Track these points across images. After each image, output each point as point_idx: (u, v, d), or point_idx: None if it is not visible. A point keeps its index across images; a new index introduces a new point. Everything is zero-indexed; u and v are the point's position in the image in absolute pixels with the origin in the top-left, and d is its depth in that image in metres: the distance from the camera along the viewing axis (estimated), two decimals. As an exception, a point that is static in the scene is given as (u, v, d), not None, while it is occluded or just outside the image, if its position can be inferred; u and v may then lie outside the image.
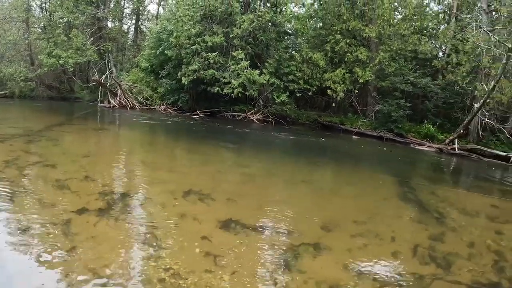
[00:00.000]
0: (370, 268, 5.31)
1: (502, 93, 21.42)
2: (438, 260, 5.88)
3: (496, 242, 7.16)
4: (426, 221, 7.96)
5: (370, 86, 27.04)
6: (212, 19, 25.44)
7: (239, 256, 5.26)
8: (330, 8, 27.19)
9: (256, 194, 8.76)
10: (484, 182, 15.73)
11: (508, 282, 5.43)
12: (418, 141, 23.80)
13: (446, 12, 30.95)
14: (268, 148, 17.30)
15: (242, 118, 26.79)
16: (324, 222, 6.87)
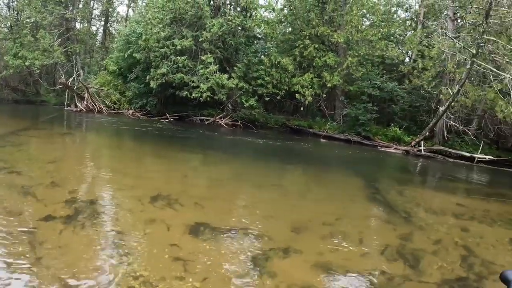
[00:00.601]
0: (340, 269, 5.30)
1: (466, 97, 22.16)
2: (407, 258, 5.92)
3: (463, 239, 7.29)
4: (394, 221, 8.04)
5: (338, 90, 27.35)
6: (181, 22, 25.36)
7: (209, 261, 5.19)
8: (299, 14, 27.49)
9: (225, 199, 8.70)
10: (450, 182, 16.15)
11: (476, 277, 5.54)
12: (385, 144, 24.25)
13: (413, 19, 31.79)
14: (236, 152, 17.24)
15: (210, 122, 26.65)
16: (293, 225, 6.85)
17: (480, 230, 8.15)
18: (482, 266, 5.99)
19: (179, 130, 22.10)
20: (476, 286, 5.33)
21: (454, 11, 24.47)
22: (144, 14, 27.19)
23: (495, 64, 22.24)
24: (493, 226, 8.69)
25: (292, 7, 27.80)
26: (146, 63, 25.71)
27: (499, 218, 9.42)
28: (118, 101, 27.85)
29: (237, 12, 27.67)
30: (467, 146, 23.88)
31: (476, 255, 6.42)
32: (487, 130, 24.57)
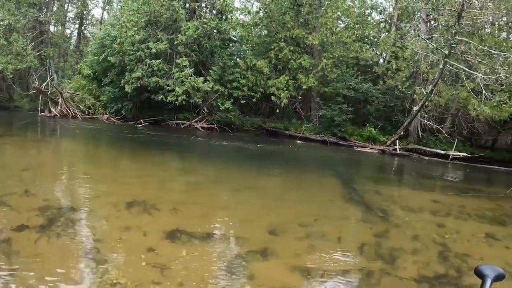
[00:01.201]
0: (319, 270, 5.28)
1: (440, 96, 22.66)
2: (385, 255, 5.93)
3: (439, 235, 7.36)
4: (371, 219, 8.07)
5: (313, 92, 27.54)
6: (156, 25, 25.11)
7: (187, 266, 5.12)
8: (275, 16, 27.61)
9: (202, 203, 8.60)
10: (425, 179, 16.40)
11: (453, 271, 5.59)
12: (361, 144, 24.55)
13: (387, 21, 32.24)
14: (213, 155, 17.17)
15: (186, 126, 26.38)
16: (271, 227, 6.80)
17: (456, 226, 8.28)
18: (458, 260, 6.05)
19: (154, 134, 21.83)
20: (453, 280, 5.35)
21: (427, 13, 24.93)
22: (119, 17, 26.73)
23: (467, 64, 22.76)
24: (468, 221, 8.82)
25: (268, 10, 27.97)
26: (121, 67, 25.35)
27: (474, 213, 9.56)
28: (92, 106, 27.31)
29: (213, 15, 27.53)
30: (441, 144, 24.42)
31: (453, 250, 6.48)
32: (461, 128, 25.19)
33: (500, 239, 7.49)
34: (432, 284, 5.15)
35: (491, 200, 11.84)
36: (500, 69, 21.17)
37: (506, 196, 12.47)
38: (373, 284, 5.06)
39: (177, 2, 24.11)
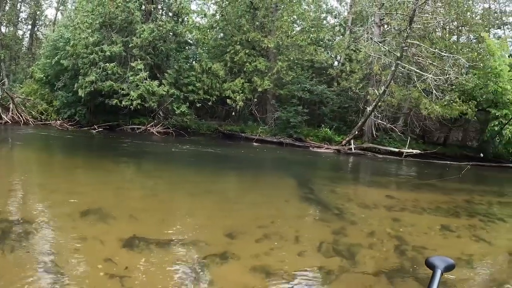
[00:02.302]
0: (278, 270, 5.23)
1: (392, 97, 23.43)
2: (343, 252, 5.93)
3: (395, 229, 7.45)
4: (328, 218, 8.10)
5: (268, 94, 27.73)
6: (111, 27, 24.45)
7: (146, 274, 4.97)
8: (231, 19, 27.55)
9: (159, 209, 8.42)
10: (380, 177, 16.70)
11: (410, 263, 5.65)
12: (317, 144, 24.90)
13: (342, 25, 32.70)
14: (169, 160, 16.89)
15: (142, 131, 25.79)
16: (229, 231, 6.71)
17: (411, 220, 8.38)
18: (415, 252, 6.12)
19: (109, 140, 21.36)
20: (410, 271, 5.41)
21: (380, 17, 25.67)
22: (73, 18, 25.93)
23: (418, 66, 23.52)
24: (423, 214, 9.00)
25: (224, 13, 27.88)
26: (74, 70, 24.53)
27: (428, 206, 9.79)
28: (45, 112, 26.29)
29: (169, 17, 27.16)
30: (395, 142, 25.24)
31: (409, 243, 6.57)
32: (413, 126, 26.10)
33: (454, 230, 7.67)
34: (390, 277, 5.18)
35: (444, 194, 12.16)
36: (450, 70, 22.07)
37: (460, 186, 13.09)
38: (333, 281, 5.04)
39: (132, 3, 23.57)
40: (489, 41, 24.21)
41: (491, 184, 18.01)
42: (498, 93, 22.83)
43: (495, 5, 34.58)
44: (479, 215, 9.32)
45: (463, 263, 5.79)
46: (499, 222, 9.11)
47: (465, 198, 11.78)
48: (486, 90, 23.41)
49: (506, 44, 26.03)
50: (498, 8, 34.65)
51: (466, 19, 26.40)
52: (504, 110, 22.71)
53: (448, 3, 24.03)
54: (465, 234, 7.53)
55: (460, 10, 25.00)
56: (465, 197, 11.89)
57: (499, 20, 33.95)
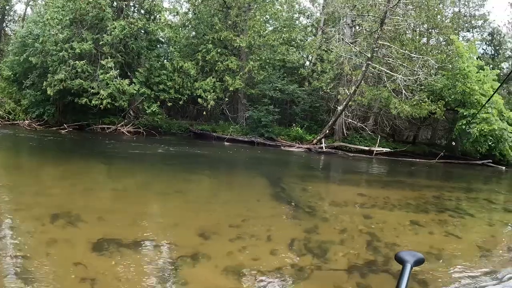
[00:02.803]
0: (251, 269, 5.20)
1: (363, 96, 23.85)
2: (315, 250, 5.93)
3: (366, 226, 7.50)
4: (299, 216, 8.09)
5: (240, 94, 27.76)
6: (82, 24, 23.79)
7: (117, 277, 4.86)
8: (203, 18, 27.57)
9: (129, 210, 8.27)
10: (351, 175, 16.92)
11: (382, 259, 5.69)
12: (288, 143, 25.14)
13: (314, 25, 32.94)
14: (140, 160, 16.65)
15: (112, 131, 25.39)
16: (200, 231, 6.63)
17: (382, 216, 8.44)
18: (386, 248, 6.17)
19: (79, 140, 20.90)
20: (381, 267, 5.44)
21: (352, 18, 26.06)
22: (43, 14, 25.13)
23: (388, 66, 23.90)
24: (393, 211, 9.09)
25: (197, 11, 27.90)
26: (43, 68, 23.86)
27: (398, 203, 9.90)
28: (13, 111, 25.54)
29: (141, 14, 26.60)
30: (365, 141, 25.78)
31: (380, 239, 6.63)
32: (383, 125, 26.82)
33: (424, 226, 7.78)
34: (362, 273, 5.20)
35: (414, 190, 12.45)
36: (420, 71, 22.53)
37: (430, 183, 13.27)
38: (306, 279, 5.03)
39: (104, 0, 23.03)
40: (458, 43, 24.94)
41: (459, 180, 18.53)
42: (466, 94, 23.53)
43: (465, 9, 35.82)
44: (448, 211, 9.53)
45: (434, 257, 5.87)
46: (468, 217, 9.30)
47: (434, 194, 12.02)
48: (455, 90, 24.11)
49: (474, 47, 26.87)
50: (468, 12, 35.87)
51: (436, 22, 27.00)
52: (471, 110, 23.45)
53: (419, 6, 24.55)
54: (435, 229, 7.64)
55: (431, 13, 25.56)
56: (435, 193, 12.13)
57: (468, 23, 35.17)
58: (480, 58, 29.72)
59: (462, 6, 35.98)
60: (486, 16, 35.68)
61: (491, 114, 22.88)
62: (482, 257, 6.28)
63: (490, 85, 24.24)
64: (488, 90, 23.94)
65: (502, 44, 35.07)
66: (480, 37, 35.59)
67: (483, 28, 36.13)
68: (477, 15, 35.96)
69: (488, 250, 6.69)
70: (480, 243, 7.02)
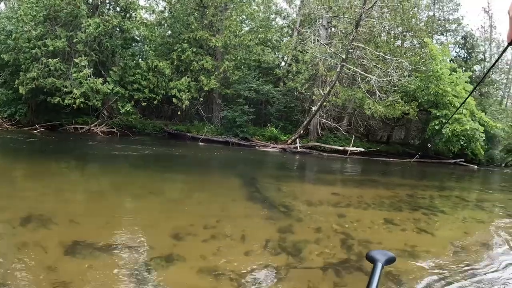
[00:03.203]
0: (226, 270, 5.14)
1: (337, 97, 24.15)
2: (290, 249, 5.91)
3: (341, 225, 7.52)
4: (274, 216, 8.04)
5: (215, 94, 27.69)
6: (56, 20, 23.12)
7: (90, 281, 4.74)
8: (179, 17, 27.41)
9: (102, 212, 8.10)
10: (326, 174, 17.04)
11: (357, 257, 5.70)
12: (263, 143, 25.26)
13: (290, 26, 33.16)
14: (113, 161, 16.39)
15: (85, 131, 24.83)
16: (175, 232, 6.54)
17: (356, 215, 8.48)
18: (360, 246, 6.19)
19: (51, 141, 20.41)
20: (356, 265, 5.45)
21: (328, 20, 26.38)
22: (16, 9, 24.40)
23: (363, 68, 24.21)
24: (367, 209, 9.15)
25: (173, 10, 27.73)
26: (16, 66, 23.20)
27: (372, 202, 9.98)
28: (-17, 111, 24.68)
29: (116, 12, 25.94)
30: (340, 141, 26.18)
31: (354, 238, 6.64)
32: (358, 126, 27.34)
33: (398, 224, 7.84)
34: (337, 271, 5.20)
35: (388, 189, 12.56)
36: (393, 73, 22.88)
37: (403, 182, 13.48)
38: (281, 278, 5.00)
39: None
40: (432, 46, 25.57)
41: (432, 179, 18.93)
42: (438, 95, 24.12)
43: (440, 13, 36.78)
44: (422, 209, 9.63)
45: (408, 255, 5.91)
46: (441, 214, 9.49)
47: (408, 192, 12.20)
48: (428, 91, 24.72)
49: (447, 50, 27.62)
50: (442, 16, 36.87)
51: (411, 25, 27.51)
52: (444, 111, 24.09)
53: (394, 9, 24.93)
54: (409, 227, 7.71)
55: (406, 17, 26.03)
56: (408, 192, 12.31)
57: (442, 27, 36.19)
58: (453, 60, 30.60)
59: (436, 10, 37.08)
60: (460, 20, 36.95)
61: (463, 115, 23.47)
62: (455, 253, 6.37)
63: (462, 87, 24.93)
64: (460, 91, 24.60)
65: (475, 47, 35.97)
66: (454, 40, 36.51)
67: (457, 31, 37.16)
68: (451, 19, 37.06)
69: (461, 246, 6.80)
70: (453, 240, 7.12)
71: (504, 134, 31.69)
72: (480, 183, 20.83)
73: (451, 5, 37.06)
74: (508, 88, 43.20)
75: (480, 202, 12.83)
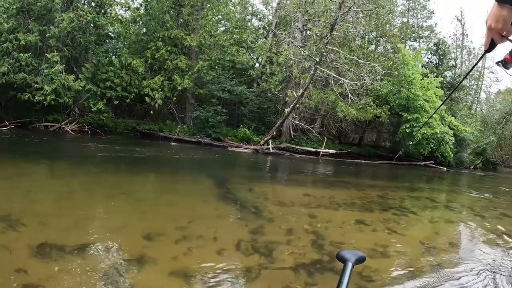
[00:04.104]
0: (198, 271, 5.11)
1: (310, 99, 24.19)
2: (261, 250, 5.90)
3: (312, 225, 7.56)
4: (246, 217, 8.05)
5: (188, 93, 27.53)
6: (29, 14, 22.38)
7: (61, 283, 4.63)
8: (155, 14, 27.06)
9: (72, 213, 7.94)
10: (298, 175, 17.16)
11: (328, 257, 5.74)
12: (235, 144, 25.25)
13: (266, 27, 33.27)
14: (84, 161, 16.07)
15: (56, 129, 24.19)
16: (146, 233, 6.46)
17: (327, 216, 8.55)
18: (331, 246, 6.23)
19: (20, 139, 19.87)
20: (327, 265, 5.48)
21: (303, 23, 26.51)
22: None
23: (336, 71, 24.45)
24: (338, 210, 9.22)
25: (149, 7, 27.46)
26: None
27: (343, 202, 10.09)
28: (-50, 108, 23.84)
29: (91, 7, 25.35)
30: (312, 143, 26.44)
31: (326, 238, 6.69)
32: (330, 128, 27.76)
33: (369, 224, 7.93)
34: (309, 271, 5.22)
35: (359, 190, 12.73)
36: (366, 77, 23.18)
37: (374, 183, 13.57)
38: (253, 279, 4.99)
39: (54, -11, 21.77)
40: (405, 51, 26.14)
41: (403, 180, 19.26)
42: (410, 99, 24.63)
43: (413, 19, 37.68)
44: (392, 209, 9.81)
45: (379, 254, 5.99)
46: (411, 215, 9.64)
47: (378, 193, 12.36)
48: (399, 96, 25.22)
49: (420, 55, 28.24)
50: (415, 22, 37.76)
51: (385, 30, 28.06)
52: (415, 114, 24.66)
53: (369, 14, 25.27)
54: (380, 227, 7.81)
55: (380, 22, 26.53)
56: (379, 193, 12.47)
57: (415, 33, 37.01)
58: (425, 66, 31.27)
59: (410, 17, 37.91)
60: (433, 27, 37.95)
61: (433, 119, 23.97)
62: (425, 252, 6.47)
63: (433, 92, 25.51)
64: (431, 96, 25.16)
65: (447, 54, 36.86)
66: (426, 46, 37.28)
67: (429, 38, 38.02)
68: (425, 26, 37.99)
69: (431, 246, 6.92)
70: (423, 239, 7.22)
71: (473, 138, 32.91)
72: (449, 184, 21.30)
73: (424, 13, 37.94)
74: (478, 93, 44.42)
75: (449, 203, 13.23)
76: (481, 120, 40.26)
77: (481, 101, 47.16)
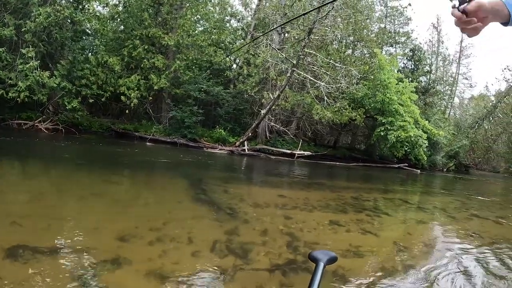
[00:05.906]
0: (173, 273, 5.09)
1: (286, 101, 24.39)
2: (237, 251, 5.91)
3: (287, 226, 7.60)
4: (221, 218, 8.04)
5: (164, 93, 27.48)
6: (5, 7, 21.84)
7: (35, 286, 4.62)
8: (133, 12, 26.84)
9: (44, 214, 7.82)
10: (273, 177, 17.26)
11: (302, 258, 5.77)
12: (211, 145, 25.30)
13: (244, 29, 33.32)
14: (57, 160, 15.76)
15: (29, 127, 23.63)
16: (120, 235, 6.40)
17: (302, 217, 8.62)
18: (306, 247, 6.29)
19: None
20: (302, 265, 5.52)
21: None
22: None
23: (313, 74, 24.67)
24: (313, 211, 9.31)
25: (127, 5, 27.15)
26: None
27: (318, 204, 10.18)
28: None
29: (68, 2, 24.67)
30: (288, 144, 26.79)
31: (300, 239, 6.75)
32: (305, 130, 28.10)
33: (343, 225, 8.04)
34: (284, 271, 5.26)
35: (333, 192, 12.88)
36: (342, 80, 23.46)
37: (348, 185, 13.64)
38: (229, 280, 5.00)
39: (31, -17, 21.23)
40: (381, 56, 26.60)
41: (377, 182, 19.60)
42: (385, 103, 25.04)
43: (391, 25, 38.50)
44: (366, 210, 9.97)
45: (352, 255, 6.08)
46: (384, 216, 9.83)
47: (353, 195, 12.52)
48: (375, 99, 25.63)
49: (396, 61, 28.77)
50: (393, 28, 38.52)
51: (362, 35, 28.44)
52: (389, 118, 25.12)
53: (347, 19, 25.53)
54: (353, 228, 7.92)
55: (358, 27, 26.88)
56: (353, 194, 12.64)
57: (392, 39, 37.72)
58: (400, 71, 31.85)
59: (388, 23, 38.78)
60: (410, 33, 39.14)
61: (407, 122, 24.43)
62: (398, 252, 6.60)
63: (408, 96, 25.93)
64: (406, 100, 25.60)
65: (422, 60, 37.65)
66: (402, 52, 38.15)
67: (406, 44, 39.00)
68: (401, 32, 38.99)
69: (404, 246, 7.05)
70: (396, 240, 7.39)
71: (446, 141, 33.72)
72: (422, 186, 21.69)
73: (402, 19, 38.87)
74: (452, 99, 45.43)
75: (422, 204, 13.52)
76: (454, 124, 41.47)
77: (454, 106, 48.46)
